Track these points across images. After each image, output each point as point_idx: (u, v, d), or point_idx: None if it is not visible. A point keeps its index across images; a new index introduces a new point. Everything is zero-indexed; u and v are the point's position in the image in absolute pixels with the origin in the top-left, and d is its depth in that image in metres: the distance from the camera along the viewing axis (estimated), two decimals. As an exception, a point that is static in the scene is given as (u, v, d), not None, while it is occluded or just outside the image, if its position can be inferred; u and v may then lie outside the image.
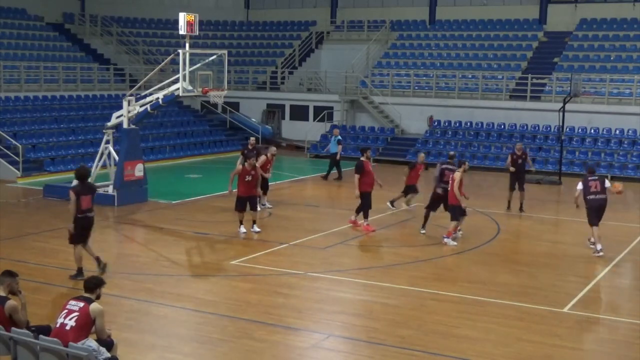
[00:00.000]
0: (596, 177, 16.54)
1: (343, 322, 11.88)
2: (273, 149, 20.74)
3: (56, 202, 20.52)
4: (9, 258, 14.36)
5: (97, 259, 13.84)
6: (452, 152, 19.39)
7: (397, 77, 36.01)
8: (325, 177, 26.37)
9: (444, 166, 17.75)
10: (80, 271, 13.52)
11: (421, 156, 20.67)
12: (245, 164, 17.54)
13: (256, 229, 17.62)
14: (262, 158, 19.82)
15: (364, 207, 18.15)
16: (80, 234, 13.54)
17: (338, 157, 26.33)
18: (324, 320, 11.90)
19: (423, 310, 12.44)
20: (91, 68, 34.63)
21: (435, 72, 35.09)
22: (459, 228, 17.31)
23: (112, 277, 13.21)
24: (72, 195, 13.39)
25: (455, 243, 16.98)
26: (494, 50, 36.37)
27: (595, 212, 16.26)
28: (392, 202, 20.61)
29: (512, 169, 20.83)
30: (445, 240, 17.00)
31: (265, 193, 20.51)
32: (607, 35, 35.10)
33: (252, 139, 21.94)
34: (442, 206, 17.88)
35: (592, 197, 16.26)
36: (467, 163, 17.31)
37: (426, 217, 17.97)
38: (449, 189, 16.90)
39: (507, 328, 11.62)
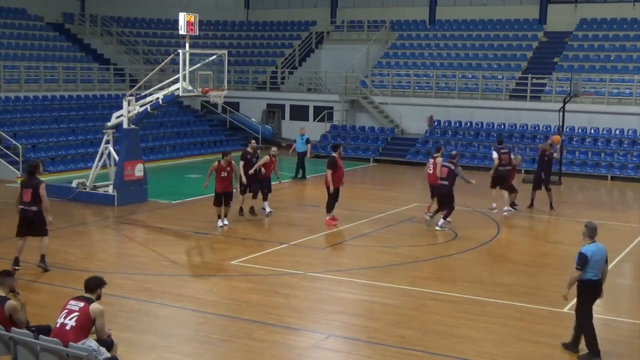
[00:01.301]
0: (506, 150, 19.70)
1: (343, 322, 11.88)
2: (274, 149, 20.57)
3: (56, 202, 20.48)
4: (9, 258, 14.35)
5: (16, 259, 14.12)
6: (454, 152, 19.70)
7: (397, 77, 36.00)
8: (300, 177, 26.43)
9: (444, 163, 18.67)
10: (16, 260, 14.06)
11: (518, 158, 21.63)
12: (222, 160, 18.05)
13: (225, 222, 18.30)
14: (266, 158, 19.81)
15: (333, 200, 18.65)
16: (20, 226, 14.14)
17: (308, 155, 26.59)
18: (324, 320, 11.90)
19: (423, 310, 12.44)
20: (91, 68, 34.63)
21: (435, 72, 35.08)
22: (449, 219, 18.58)
23: (112, 277, 13.20)
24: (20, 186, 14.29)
25: (431, 214, 18.81)
26: (494, 50, 36.36)
27: (500, 181, 19.64)
28: (512, 205, 20.71)
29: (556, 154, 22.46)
30: (425, 214, 18.99)
31: (265, 198, 20.03)
32: (607, 35, 35.09)
33: (253, 141, 21.58)
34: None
35: (501, 168, 19.65)
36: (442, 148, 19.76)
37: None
38: (446, 183, 18.29)
39: (507, 328, 11.62)
